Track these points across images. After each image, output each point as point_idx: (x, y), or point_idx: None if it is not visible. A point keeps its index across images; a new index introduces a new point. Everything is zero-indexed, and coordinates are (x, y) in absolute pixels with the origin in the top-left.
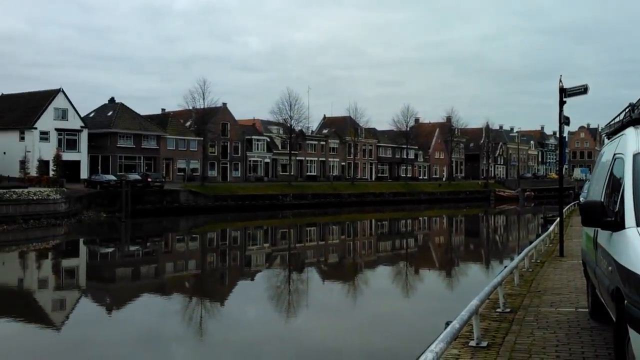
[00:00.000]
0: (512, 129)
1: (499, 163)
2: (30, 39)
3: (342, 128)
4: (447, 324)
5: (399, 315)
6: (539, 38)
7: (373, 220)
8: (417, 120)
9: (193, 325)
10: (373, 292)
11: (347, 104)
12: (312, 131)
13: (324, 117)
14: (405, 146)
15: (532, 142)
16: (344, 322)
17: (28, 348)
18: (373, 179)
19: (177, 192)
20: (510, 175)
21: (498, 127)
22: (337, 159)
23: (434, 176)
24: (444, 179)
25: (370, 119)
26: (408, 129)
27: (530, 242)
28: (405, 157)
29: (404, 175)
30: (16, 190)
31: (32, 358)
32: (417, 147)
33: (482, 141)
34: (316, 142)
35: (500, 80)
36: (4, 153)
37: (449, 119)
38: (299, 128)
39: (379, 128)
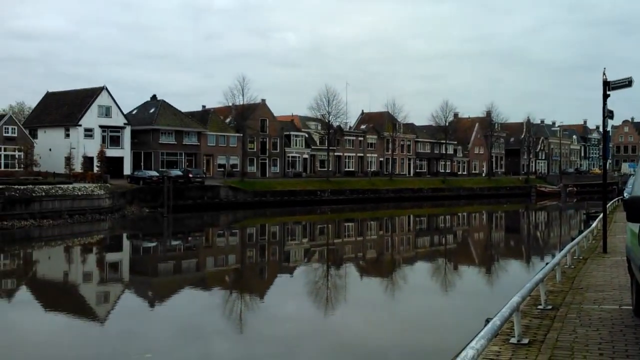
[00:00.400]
0: (554, 123)
1: (540, 158)
2: (74, 38)
3: (380, 123)
4: (487, 320)
5: (437, 312)
6: (582, 30)
7: (411, 216)
8: (456, 115)
9: (233, 319)
10: (411, 288)
11: (385, 100)
12: (350, 127)
13: (362, 113)
14: (444, 141)
15: (574, 136)
16: (381, 318)
17: (75, 340)
18: (411, 174)
19: (218, 188)
20: (551, 170)
21: (539, 122)
22: (375, 155)
23: (473, 172)
24: (483, 175)
25: (408, 114)
26: (447, 124)
27: (572, 239)
28: (444, 152)
29: (443, 170)
30: (62, 185)
31: (78, 350)
32: (456, 143)
33: (523, 136)
34: (354, 138)
35: (542, 74)
36: (50, 150)
37: (488, 113)
38: (337, 124)
39: (418, 123)
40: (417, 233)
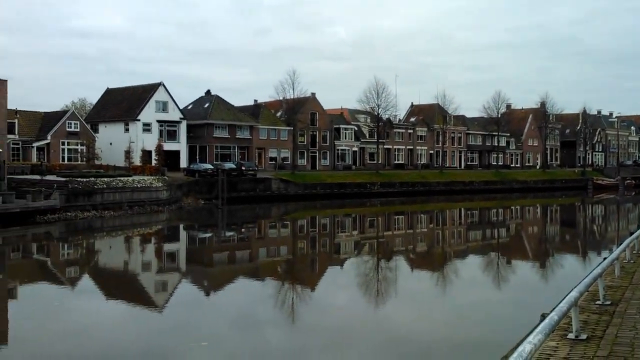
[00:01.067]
0: (611, 114)
1: (596, 150)
2: (131, 35)
3: (430, 116)
4: (543, 316)
5: (490, 306)
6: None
7: (462, 209)
8: (508, 106)
9: (285, 309)
10: (463, 282)
11: (435, 91)
12: (400, 119)
13: (412, 105)
14: (496, 133)
15: (632, 127)
16: (432, 312)
17: (135, 328)
18: (462, 167)
19: (269, 180)
20: (609, 162)
21: (596, 112)
22: (425, 147)
23: (527, 164)
24: (537, 167)
25: (459, 105)
26: (499, 115)
27: (631, 233)
28: (496, 144)
29: (495, 163)
30: (122, 178)
31: (139, 337)
32: (508, 134)
33: (578, 127)
34: (404, 130)
35: (597, 63)
36: (111, 144)
37: (543, 104)
38: (387, 116)
39: (469, 115)
40: (469, 226)
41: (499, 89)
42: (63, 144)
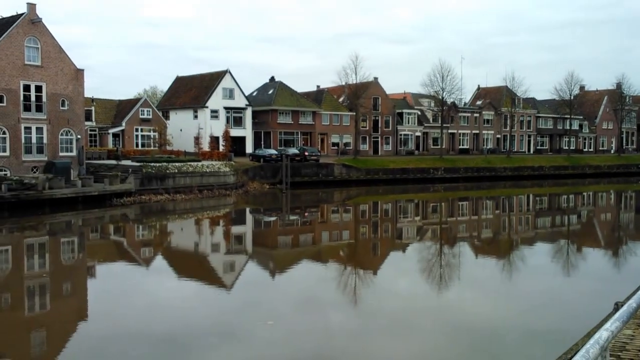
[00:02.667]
0: None
1: None
2: (200, 24)
3: (498, 98)
4: (617, 304)
5: (559, 294)
6: None
7: (530, 195)
8: (582, 88)
9: (348, 292)
10: (530, 269)
11: (503, 73)
12: (465, 103)
13: (478, 88)
14: (568, 116)
15: None
16: (498, 299)
17: (204, 306)
18: (531, 151)
19: (332, 166)
20: None
21: None
22: (492, 131)
23: (600, 148)
24: (612, 152)
25: (529, 88)
26: (572, 97)
27: None
28: (567, 128)
29: (566, 147)
30: (192, 163)
31: (207, 315)
32: (581, 117)
33: None
34: (469, 114)
35: None
36: (181, 130)
37: (619, 85)
38: (451, 100)
39: (539, 97)
40: (537, 213)
41: (572, 70)
42: (137, 130)
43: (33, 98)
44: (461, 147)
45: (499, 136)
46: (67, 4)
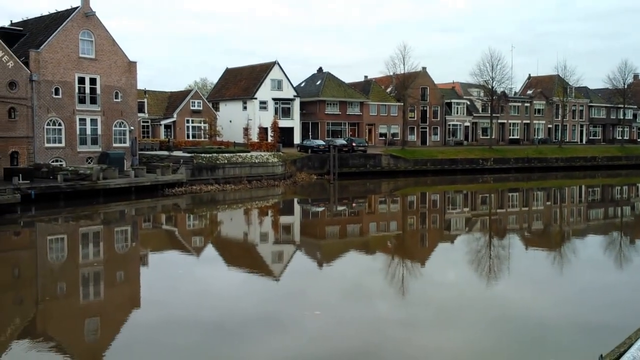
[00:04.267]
0: None
1: None
2: (248, 16)
3: (549, 88)
4: None
5: (611, 289)
6: None
7: (583, 187)
8: (636, 76)
9: (395, 283)
10: (582, 262)
11: (554, 62)
12: (515, 92)
13: (529, 77)
14: (622, 106)
15: None
16: (549, 292)
17: (253, 295)
18: (584, 142)
19: (379, 156)
20: None
21: None
22: (543, 121)
23: None
24: None
25: (581, 76)
26: (625, 86)
27: None
28: (621, 117)
29: (620, 137)
30: (241, 154)
31: (256, 304)
32: (635, 107)
33: None
34: (519, 104)
35: None
36: (230, 121)
37: None
38: (501, 89)
39: (591, 87)
40: (590, 204)
41: (625, 58)
42: (187, 121)
43: (87, 90)
44: (511, 137)
45: (550, 126)
46: None
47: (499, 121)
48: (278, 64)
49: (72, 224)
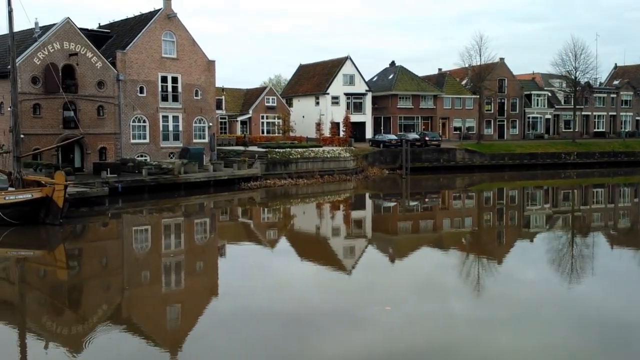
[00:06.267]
0: None
1: None
2: (320, 12)
3: (637, 78)
4: None
5: None
6: None
7: None
8: None
9: (470, 280)
10: None
11: None
12: (601, 83)
13: (615, 67)
14: None
15: None
16: (637, 294)
17: (325, 288)
18: None
19: (453, 151)
20: None
21: None
22: (630, 113)
23: None
24: None
25: None
26: None
27: None
28: None
29: None
30: (313, 149)
31: (327, 296)
32: None
33: None
34: (605, 95)
35: None
36: (303, 117)
37: None
38: (585, 80)
39: None
40: None
41: None
42: (262, 117)
43: (170, 89)
44: (596, 130)
45: (638, 118)
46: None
47: (583, 113)
48: (350, 58)
49: (155, 215)
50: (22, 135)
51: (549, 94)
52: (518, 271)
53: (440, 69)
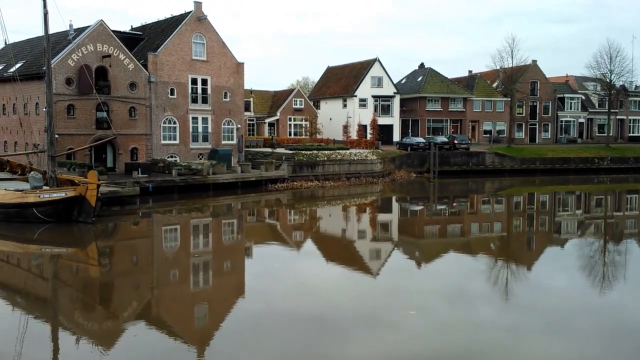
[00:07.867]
0: None
1: None
2: (348, 12)
3: None
4: None
5: None
6: None
7: None
8: None
9: (498, 287)
10: None
11: None
12: (636, 86)
13: None
14: None
15: None
16: None
17: (349, 291)
18: None
19: (483, 154)
20: None
21: None
22: None
23: None
24: None
25: None
26: None
27: None
28: None
29: None
30: (340, 151)
31: (352, 299)
32: None
33: None
34: None
35: None
36: (330, 119)
37: None
38: (620, 83)
39: None
40: None
41: None
42: (290, 119)
43: (199, 90)
44: (631, 134)
45: None
46: (228, 1)
47: (618, 117)
48: (379, 60)
49: (184, 215)
50: (56, 135)
51: (583, 97)
52: (548, 278)
53: (470, 71)
